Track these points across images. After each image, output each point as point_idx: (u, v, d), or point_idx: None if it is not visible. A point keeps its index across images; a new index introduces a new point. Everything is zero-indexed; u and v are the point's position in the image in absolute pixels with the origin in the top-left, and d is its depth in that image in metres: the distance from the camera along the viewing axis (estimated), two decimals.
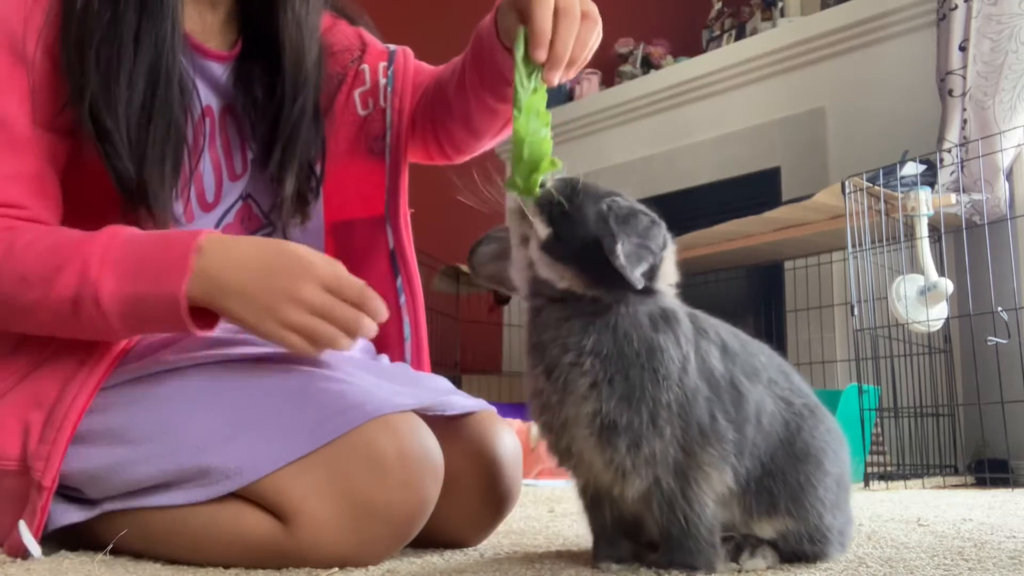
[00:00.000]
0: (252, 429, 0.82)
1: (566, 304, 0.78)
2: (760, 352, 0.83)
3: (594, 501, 0.83)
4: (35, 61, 0.87)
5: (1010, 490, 2.05)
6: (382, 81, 1.15)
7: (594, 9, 0.89)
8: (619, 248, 0.73)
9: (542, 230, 0.77)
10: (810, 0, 3.23)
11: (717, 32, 3.66)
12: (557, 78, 0.85)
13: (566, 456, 0.80)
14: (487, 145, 1.17)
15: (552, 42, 0.84)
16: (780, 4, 3.33)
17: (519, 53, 0.84)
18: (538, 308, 0.80)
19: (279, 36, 1.01)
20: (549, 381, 0.78)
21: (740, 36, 3.46)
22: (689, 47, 3.75)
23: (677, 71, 3.48)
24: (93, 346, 0.88)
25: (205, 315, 0.84)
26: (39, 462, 0.83)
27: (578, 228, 0.76)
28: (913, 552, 0.92)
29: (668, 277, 0.81)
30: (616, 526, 0.82)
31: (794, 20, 3.17)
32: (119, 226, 0.85)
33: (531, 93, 0.83)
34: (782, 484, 0.79)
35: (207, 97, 1.01)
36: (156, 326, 0.85)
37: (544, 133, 0.81)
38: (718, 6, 3.73)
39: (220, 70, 1.02)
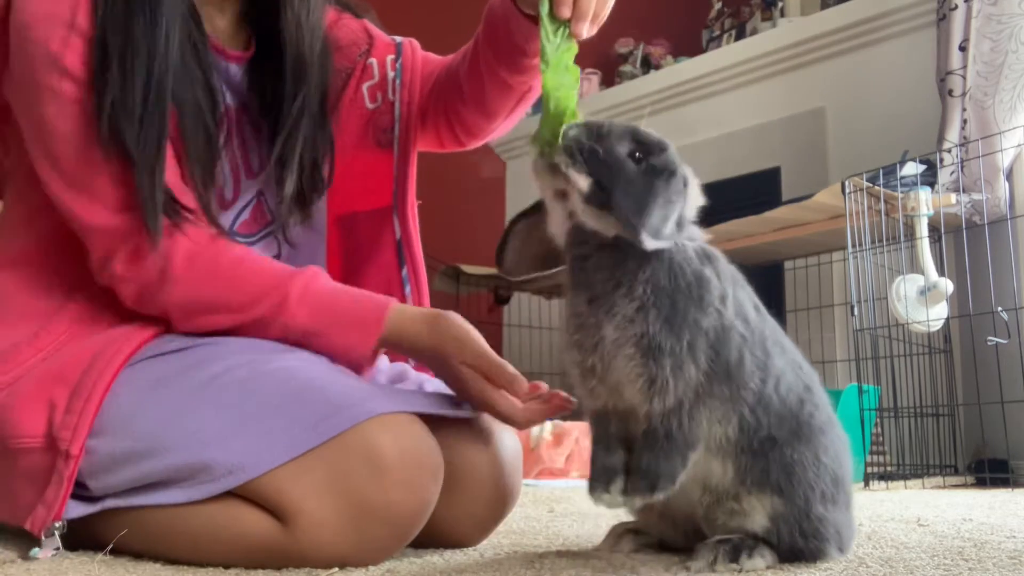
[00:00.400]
0: (254, 426, 0.82)
1: (617, 248, 0.79)
2: (785, 336, 0.87)
3: (600, 417, 0.84)
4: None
5: (1010, 490, 2.05)
6: (390, 74, 1.15)
7: None
8: (643, 236, 0.75)
9: (583, 183, 0.77)
10: (810, 0, 3.23)
11: (717, 32, 3.66)
12: (585, 29, 0.87)
13: (588, 374, 0.82)
14: (500, 128, 1.16)
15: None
16: (780, 4, 3.33)
17: (544, 8, 0.86)
18: (586, 255, 0.82)
19: (279, 34, 1.01)
20: (591, 306, 0.80)
21: (740, 36, 3.46)
22: (689, 47, 3.75)
23: (677, 71, 3.48)
24: (119, 326, 0.91)
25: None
26: (66, 431, 0.84)
27: (617, 175, 0.77)
28: (913, 552, 0.92)
29: (694, 207, 0.83)
30: (617, 437, 0.83)
31: (794, 20, 3.17)
32: (316, 271, 0.93)
33: (558, 50, 0.84)
34: (778, 456, 0.80)
35: (225, 96, 1.02)
36: (332, 353, 0.92)
37: (571, 86, 0.82)
38: (718, 6, 3.73)
39: (235, 70, 1.03)
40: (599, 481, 0.81)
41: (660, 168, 0.79)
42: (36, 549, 0.83)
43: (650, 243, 0.75)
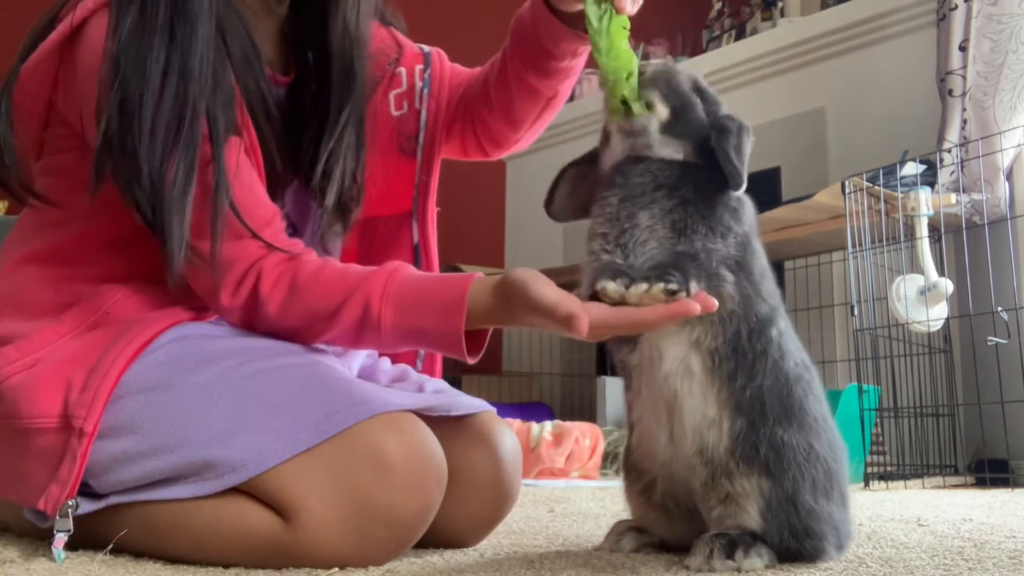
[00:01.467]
0: (257, 423, 0.82)
1: (664, 161, 0.88)
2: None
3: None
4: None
5: (1010, 490, 2.05)
6: (418, 84, 1.17)
7: None
8: (735, 164, 0.85)
9: (663, 112, 0.87)
10: (810, 0, 3.23)
11: (717, 32, 3.66)
12: (629, 3, 0.90)
13: (626, 234, 0.85)
14: (523, 139, 1.19)
15: None
16: (780, 4, 3.33)
17: (591, 8, 0.89)
18: (628, 168, 0.88)
19: (328, 45, 1.03)
20: (623, 203, 0.86)
21: (740, 36, 3.46)
22: (689, 47, 3.76)
23: None
24: (143, 315, 0.92)
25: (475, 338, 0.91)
26: (81, 409, 0.84)
27: (690, 110, 0.88)
28: (913, 552, 0.92)
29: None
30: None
31: (794, 20, 3.17)
32: (393, 268, 0.92)
33: (608, 32, 0.88)
34: (768, 434, 0.81)
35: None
36: (430, 348, 0.94)
37: (624, 47, 0.88)
38: (718, 6, 3.73)
39: (279, 93, 1.04)
40: (604, 277, 0.80)
41: (732, 117, 0.89)
42: (58, 552, 0.82)
43: (740, 183, 0.85)
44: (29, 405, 0.86)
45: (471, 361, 0.90)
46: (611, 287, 0.79)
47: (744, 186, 0.86)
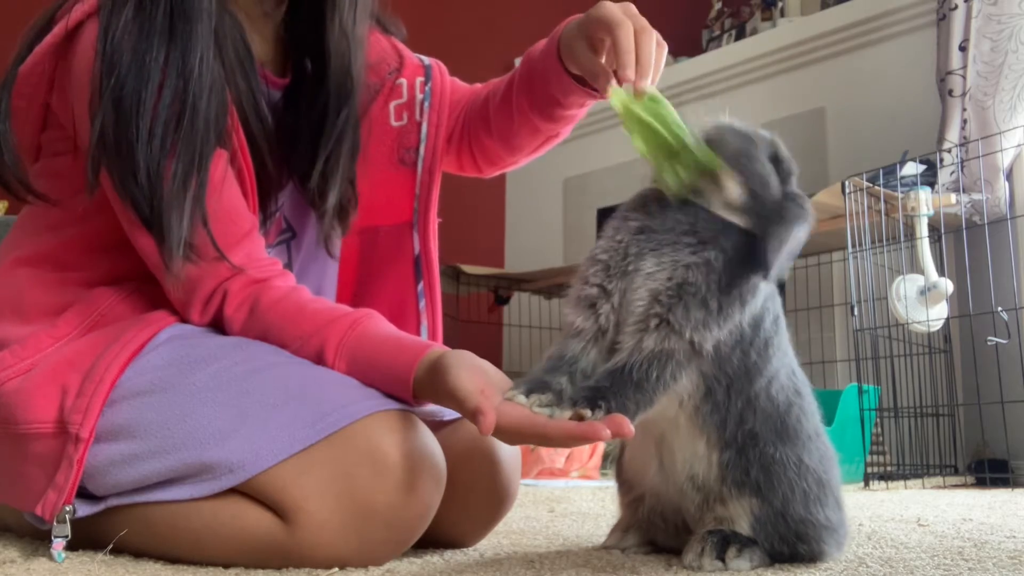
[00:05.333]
0: (254, 424, 0.82)
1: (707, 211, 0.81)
2: (787, 340, 0.87)
3: (574, 342, 0.80)
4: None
5: (1010, 490, 2.05)
6: (419, 96, 1.17)
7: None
8: (771, 272, 0.78)
9: (737, 193, 0.80)
10: (810, 0, 3.23)
11: (717, 32, 3.66)
12: (647, 83, 0.88)
13: (602, 296, 0.79)
14: (522, 161, 1.20)
15: (638, 58, 0.90)
16: (780, 4, 3.33)
17: (617, 100, 0.84)
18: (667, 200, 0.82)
19: (325, 46, 1.03)
20: (636, 236, 0.80)
21: (740, 36, 3.46)
22: (689, 47, 3.75)
23: (677, 71, 3.48)
24: (135, 318, 0.92)
25: None
26: (77, 415, 0.84)
27: (765, 190, 0.81)
28: (913, 552, 0.92)
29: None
30: (573, 370, 0.79)
31: (794, 20, 3.17)
32: (360, 316, 0.90)
33: (643, 112, 0.82)
34: (758, 455, 0.80)
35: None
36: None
37: (666, 119, 0.81)
38: (718, 6, 3.73)
39: (276, 95, 1.05)
40: (520, 387, 0.76)
41: (799, 202, 0.82)
42: (58, 553, 0.82)
43: (772, 277, 0.78)
44: (25, 411, 0.86)
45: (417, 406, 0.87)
46: (519, 399, 0.75)
47: (776, 279, 0.80)
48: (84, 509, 0.85)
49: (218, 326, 0.94)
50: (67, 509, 0.83)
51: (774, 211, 0.79)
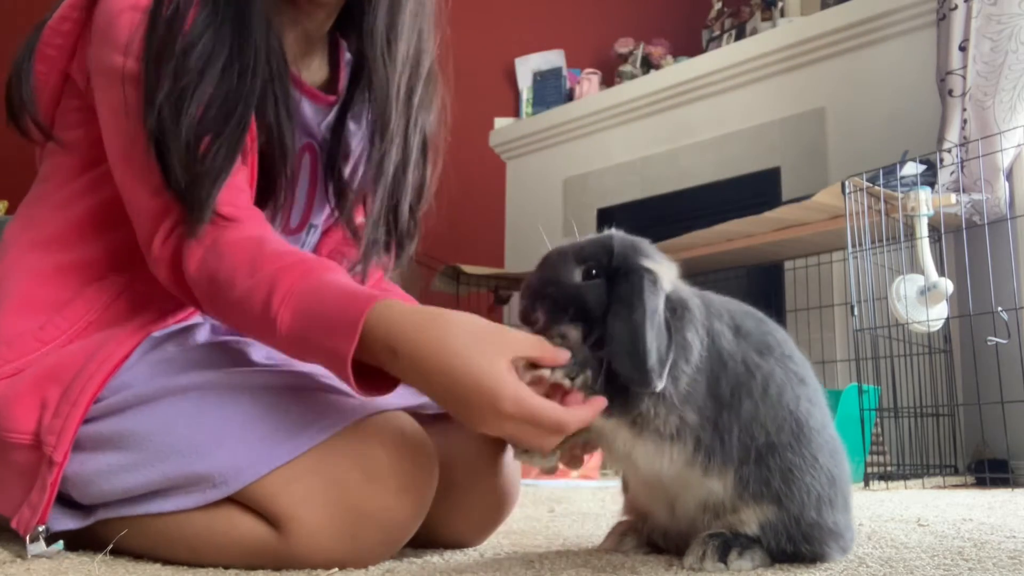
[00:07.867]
0: (239, 435, 0.81)
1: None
2: (776, 330, 0.85)
3: None
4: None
5: (1010, 490, 2.05)
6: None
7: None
8: (652, 384, 0.74)
9: (574, 332, 0.78)
10: (810, 0, 3.23)
11: (717, 32, 3.66)
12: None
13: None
14: None
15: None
16: (780, 4, 3.33)
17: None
18: None
19: (370, 75, 0.99)
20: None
21: (740, 36, 3.46)
22: (689, 47, 3.76)
23: (677, 71, 3.48)
24: (116, 328, 0.90)
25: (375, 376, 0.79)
26: (51, 436, 0.84)
27: (585, 307, 0.78)
28: (913, 552, 0.92)
29: (669, 280, 0.81)
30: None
31: (794, 20, 3.17)
32: (315, 265, 0.83)
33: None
34: (778, 462, 0.79)
35: (307, 134, 1.02)
36: (322, 365, 0.80)
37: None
38: (718, 6, 3.74)
39: (324, 112, 1.04)
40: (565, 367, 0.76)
41: (626, 284, 0.77)
42: (35, 546, 0.83)
43: (659, 384, 0.74)
44: (6, 419, 0.86)
45: (360, 395, 0.78)
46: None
47: (652, 383, 0.74)
48: (71, 523, 0.85)
49: (175, 259, 0.88)
50: (40, 529, 0.83)
51: (611, 326, 0.76)
